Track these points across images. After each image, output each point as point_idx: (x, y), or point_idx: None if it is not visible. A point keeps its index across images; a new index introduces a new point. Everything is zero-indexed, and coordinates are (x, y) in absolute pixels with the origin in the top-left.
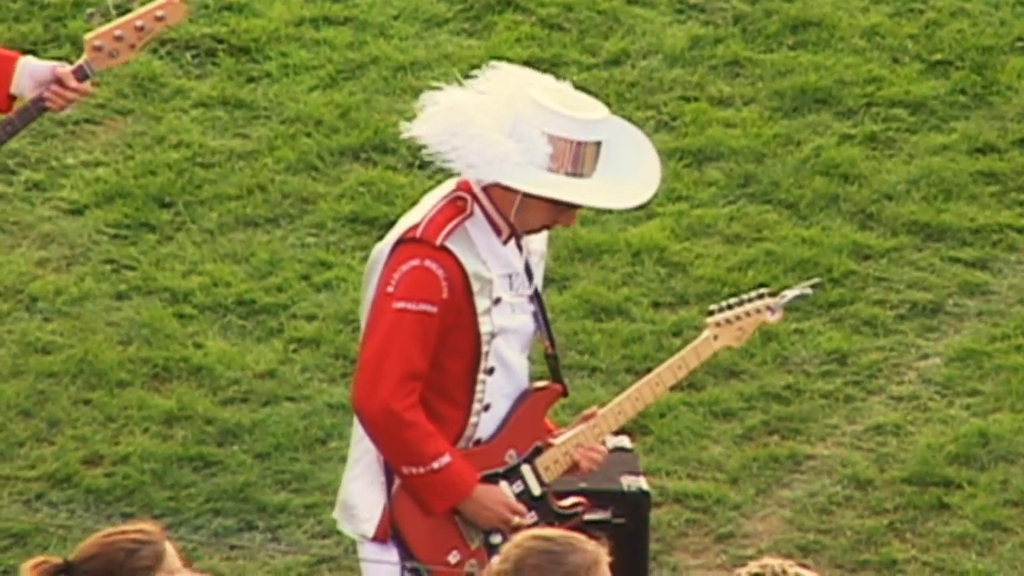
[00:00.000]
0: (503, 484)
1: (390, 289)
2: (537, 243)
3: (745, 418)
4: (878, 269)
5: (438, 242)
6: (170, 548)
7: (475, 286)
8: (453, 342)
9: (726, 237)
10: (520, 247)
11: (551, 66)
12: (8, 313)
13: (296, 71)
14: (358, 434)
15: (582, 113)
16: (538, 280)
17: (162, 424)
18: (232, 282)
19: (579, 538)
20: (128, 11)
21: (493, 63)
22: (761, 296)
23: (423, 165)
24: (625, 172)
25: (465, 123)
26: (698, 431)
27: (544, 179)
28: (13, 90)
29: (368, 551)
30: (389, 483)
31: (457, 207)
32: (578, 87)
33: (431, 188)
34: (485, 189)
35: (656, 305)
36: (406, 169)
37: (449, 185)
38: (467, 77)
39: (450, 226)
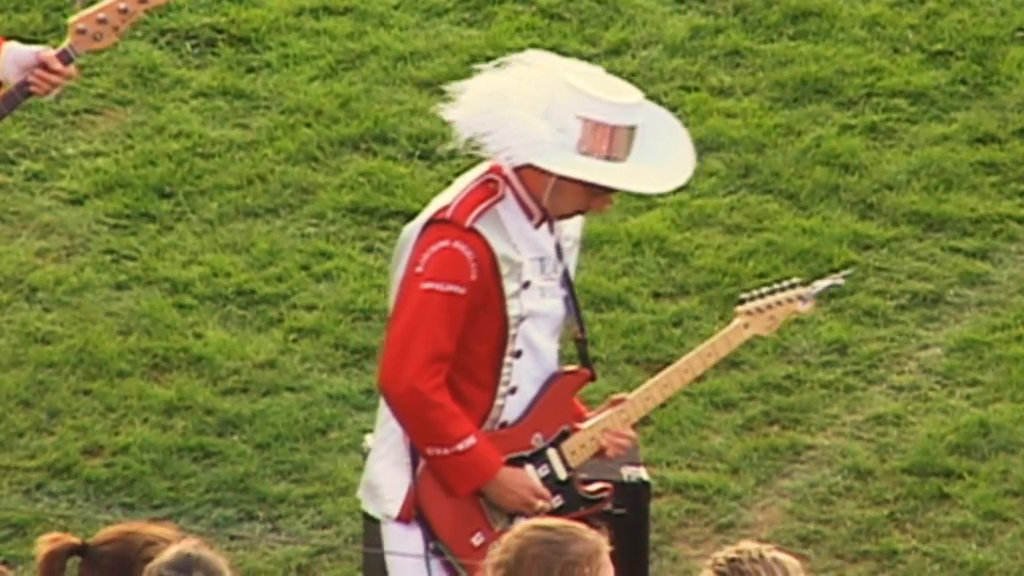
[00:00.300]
0: (529, 467)
1: (419, 269)
2: (571, 228)
3: (745, 408)
4: (878, 259)
5: (468, 224)
6: None
7: (504, 269)
8: (480, 324)
9: (727, 227)
10: (552, 231)
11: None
12: (8, 303)
13: (296, 61)
14: (384, 414)
15: (617, 97)
16: (571, 265)
17: (162, 414)
18: (232, 272)
19: (580, 528)
20: None
21: (528, 52)
22: (793, 286)
23: (423, 155)
24: (659, 157)
25: (500, 106)
26: (698, 421)
27: (578, 162)
28: None
29: (391, 532)
30: (414, 464)
31: (488, 189)
32: None
33: (431, 178)
34: (518, 173)
35: (656, 295)
36: (406, 159)
37: (482, 168)
38: (470, 63)
39: (480, 208)
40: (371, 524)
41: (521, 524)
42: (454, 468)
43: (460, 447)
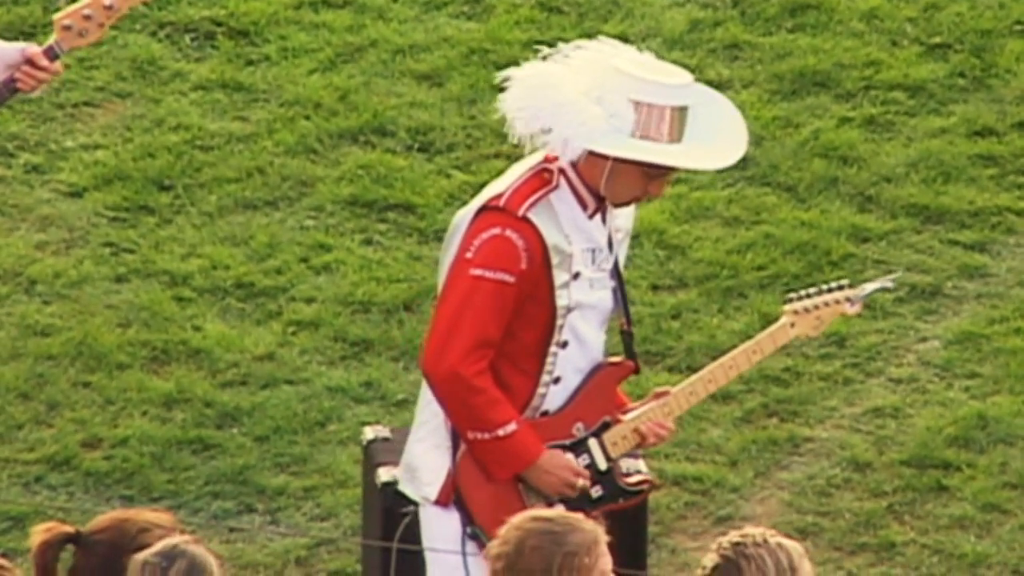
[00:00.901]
0: (569, 456)
1: (469, 255)
2: (622, 220)
3: (744, 401)
4: (877, 252)
5: (520, 212)
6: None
7: (554, 259)
8: (528, 313)
9: (725, 220)
10: (605, 222)
11: (550, 49)
12: (7, 296)
13: (295, 54)
14: (426, 397)
15: (668, 78)
16: (622, 257)
17: (161, 407)
18: (231, 265)
19: (578, 518)
20: None
21: (577, 41)
22: (841, 287)
23: (422, 148)
24: (712, 135)
25: (553, 97)
26: (697, 414)
27: (634, 144)
28: None
29: (429, 514)
30: (455, 448)
31: (543, 179)
32: None
33: (430, 171)
34: (573, 162)
35: (655, 287)
36: (405, 152)
37: (537, 156)
38: (468, 56)
39: (534, 197)
40: (370, 516)
41: (519, 516)
42: (494, 453)
43: (501, 432)
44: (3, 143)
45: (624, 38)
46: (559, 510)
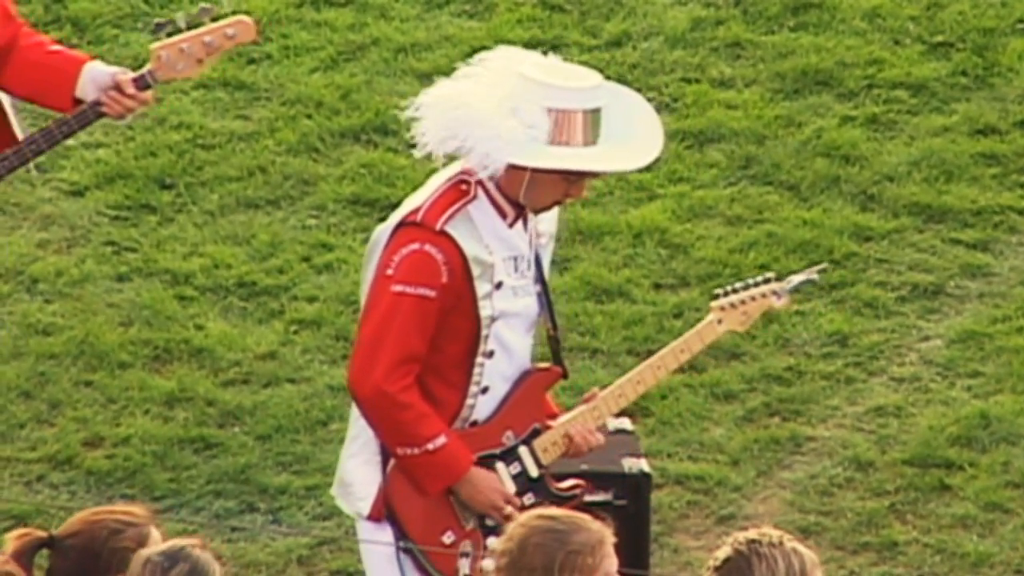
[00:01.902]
0: (500, 465)
1: (389, 272)
2: (546, 224)
3: (746, 400)
4: (879, 251)
5: (438, 227)
6: (155, 533)
7: (475, 271)
8: (452, 326)
9: (727, 219)
10: (526, 229)
11: (552, 48)
12: (9, 295)
13: (297, 53)
14: (356, 412)
15: (576, 82)
16: (545, 261)
17: (163, 406)
18: (233, 264)
19: (584, 517)
20: (200, 24)
21: (485, 52)
22: (767, 280)
23: None
24: (628, 134)
25: (466, 115)
26: (699, 413)
27: (551, 152)
28: (78, 93)
29: (364, 529)
30: (385, 462)
31: (460, 191)
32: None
33: (432, 170)
34: (492, 175)
35: (657, 287)
36: (407, 151)
37: (454, 168)
38: (470, 55)
39: (451, 210)
40: None
41: (526, 513)
42: (425, 467)
43: (430, 446)
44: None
45: (626, 36)
46: (566, 509)
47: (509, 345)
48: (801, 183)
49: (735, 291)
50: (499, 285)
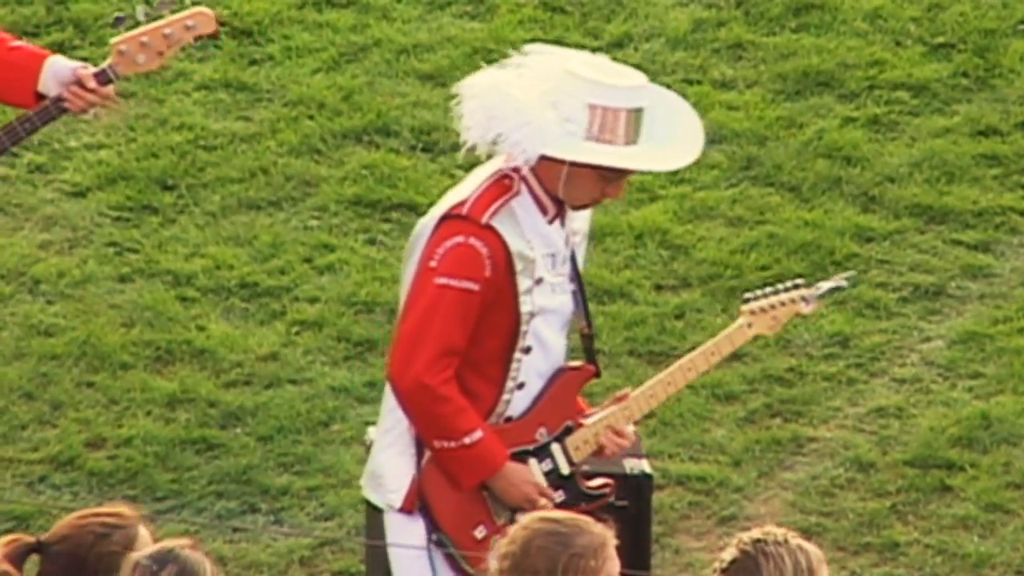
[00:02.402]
0: (532, 461)
1: (433, 264)
2: (579, 222)
3: (748, 401)
4: (880, 252)
5: (484, 220)
6: (144, 533)
7: (518, 266)
8: (492, 320)
9: (728, 220)
10: (563, 226)
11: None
12: (11, 296)
13: (299, 54)
14: (390, 403)
15: (621, 81)
16: (580, 260)
17: (165, 407)
18: (235, 265)
19: (586, 520)
20: (160, 17)
21: (528, 47)
22: (797, 286)
23: (426, 148)
24: (668, 136)
25: (505, 103)
26: (701, 414)
27: (589, 148)
28: (40, 88)
29: (394, 521)
30: (419, 455)
31: (504, 186)
32: None
33: (434, 171)
34: (531, 167)
35: (658, 288)
36: (409, 152)
37: (496, 162)
38: (472, 56)
39: (496, 204)
40: (374, 514)
41: (528, 516)
42: (460, 461)
43: (467, 440)
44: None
45: (627, 38)
46: (569, 512)
47: (546, 342)
48: (802, 184)
49: (765, 295)
50: (539, 281)
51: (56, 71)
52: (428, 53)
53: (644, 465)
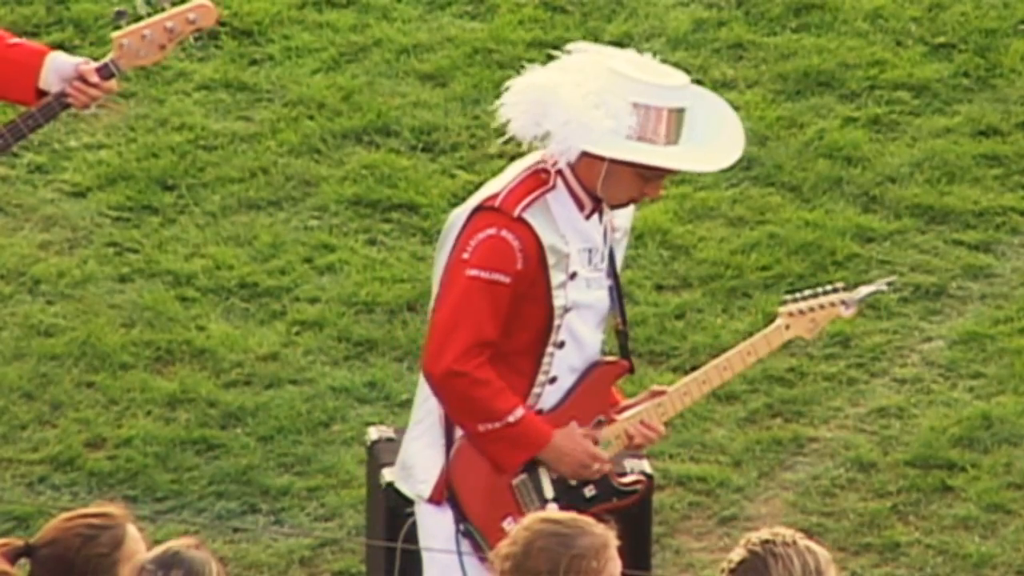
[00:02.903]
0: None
1: (465, 256)
2: (621, 219)
3: (748, 401)
4: (881, 252)
5: (516, 213)
6: (133, 531)
7: (551, 259)
8: (525, 313)
9: (729, 220)
10: (602, 222)
11: (554, 49)
12: (11, 296)
13: (299, 54)
14: (422, 395)
15: (665, 80)
16: (619, 257)
17: (165, 407)
18: (235, 265)
19: (588, 521)
20: (159, 11)
21: (574, 44)
22: (836, 290)
23: (426, 148)
24: (709, 137)
25: (550, 101)
26: (701, 414)
27: (631, 146)
28: (41, 85)
29: (423, 512)
30: (448, 445)
31: (540, 179)
32: None
33: (434, 171)
34: (570, 163)
35: (659, 287)
36: (409, 152)
37: (534, 156)
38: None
39: (530, 198)
40: (375, 516)
41: (530, 517)
42: (508, 441)
43: (511, 419)
44: None
45: (628, 38)
46: (570, 513)
47: (580, 337)
48: (803, 184)
49: (804, 298)
50: (573, 275)
51: (58, 67)
52: (428, 53)
53: (644, 465)
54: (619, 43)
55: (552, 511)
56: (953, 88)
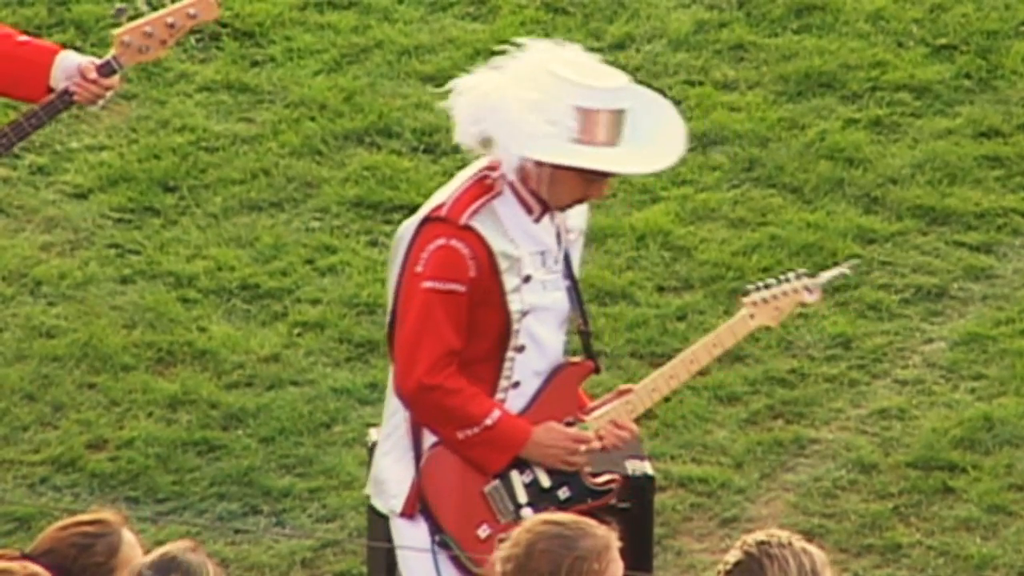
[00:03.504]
0: (514, 473)
1: (419, 269)
2: (574, 220)
3: (750, 402)
4: (883, 253)
5: (462, 221)
6: (129, 537)
7: (502, 264)
8: (481, 320)
9: (731, 221)
10: (554, 224)
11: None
12: (12, 297)
13: (300, 55)
14: (390, 408)
15: (603, 82)
16: (575, 257)
17: (166, 408)
18: (236, 266)
19: (590, 523)
20: (161, 6)
21: (519, 42)
22: (799, 276)
23: (428, 149)
24: (650, 137)
25: (489, 106)
26: (703, 415)
27: (571, 150)
28: (52, 83)
29: (398, 527)
30: (417, 457)
31: (485, 186)
32: None
33: (436, 172)
34: (515, 167)
35: (661, 289)
36: (410, 153)
37: (479, 164)
38: (474, 57)
39: (476, 205)
40: (375, 517)
41: (531, 518)
42: (488, 443)
43: (488, 422)
44: None
45: (629, 39)
46: (571, 515)
47: (541, 340)
48: (805, 186)
49: (766, 287)
50: (527, 279)
51: (65, 66)
52: (430, 54)
53: (646, 467)
54: (620, 44)
55: (555, 514)
56: (954, 89)
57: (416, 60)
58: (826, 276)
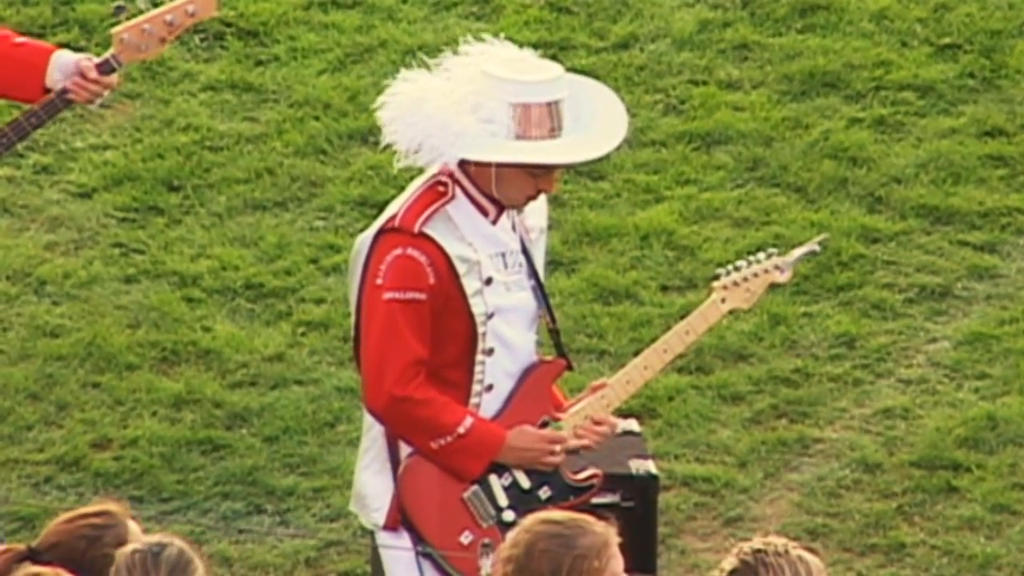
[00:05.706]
0: (493, 477)
1: (379, 281)
2: (533, 219)
3: (754, 402)
4: (887, 252)
5: (416, 229)
6: (134, 528)
7: (461, 269)
8: (447, 326)
9: (735, 220)
10: (513, 225)
11: (559, 50)
12: (17, 296)
13: (304, 54)
14: (367, 423)
15: (536, 75)
16: (539, 255)
17: (170, 407)
18: (240, 266)
19: (588, 520)
20: (158, 4)
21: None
22: (769, 256)
23: None
24: (591, 124)
25: (422, 109)
26: (706, 415)
27: (511, 146)
28: (47, 83)
29: (383, 540)
30: (395, 469)
31: (437, 192)
32: (586, 71)
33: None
34: (466, 171)
35: (664, 288)
36: None
37: (431, 171)
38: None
39: (428, 212)
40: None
41: (530, 518)
42: (463, 451)
43: (461, 430)
44: None
45: (633, 38)
46: (570, 512)
47: (510, 342)
48: (808, 185)
49: (736, 269)
50: (489, 281)
51: (61, 65)
52: (434, 54)
53: (650, 466)
54: (624, 44)
55: (552, 512)
56: (958, 89)
57: (420, 60)
58: (796, 253)
